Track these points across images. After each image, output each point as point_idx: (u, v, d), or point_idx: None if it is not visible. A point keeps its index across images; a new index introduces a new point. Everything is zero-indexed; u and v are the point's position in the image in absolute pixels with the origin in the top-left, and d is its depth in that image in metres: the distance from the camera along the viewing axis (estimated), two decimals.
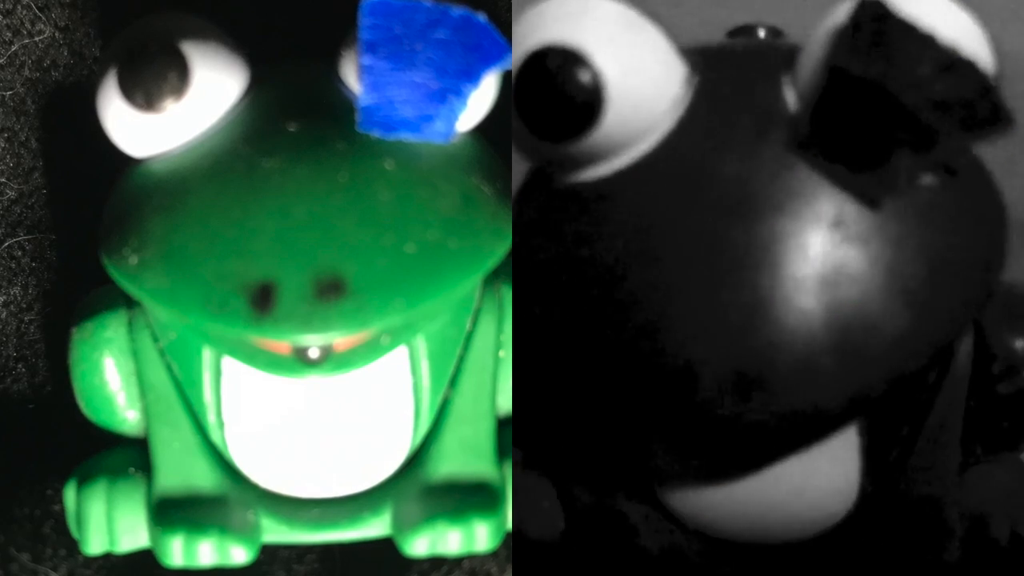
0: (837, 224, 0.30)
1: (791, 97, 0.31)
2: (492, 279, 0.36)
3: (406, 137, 0.35)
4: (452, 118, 0.35)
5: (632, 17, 0.31)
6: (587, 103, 0.31)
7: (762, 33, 0.36)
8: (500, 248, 0.35)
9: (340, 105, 0.35)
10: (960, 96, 0.29)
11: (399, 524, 0.36)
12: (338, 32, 0.36)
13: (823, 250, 0.30)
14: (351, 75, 0.36)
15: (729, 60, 0.33)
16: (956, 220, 0.31)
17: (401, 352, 0.36)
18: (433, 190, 0.34)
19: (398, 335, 0.35)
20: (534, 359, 0.33)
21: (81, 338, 0.37)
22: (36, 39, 0.43)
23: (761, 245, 0.30)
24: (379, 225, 0.34)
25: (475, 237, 0.34)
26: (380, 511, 0.37)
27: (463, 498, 0.36)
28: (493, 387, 0.37)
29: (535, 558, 0.35)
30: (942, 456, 0.34)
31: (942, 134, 0.29)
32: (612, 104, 0.31)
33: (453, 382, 0.37)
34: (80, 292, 0.39)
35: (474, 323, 0.37)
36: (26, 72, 0.43)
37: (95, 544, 0.37)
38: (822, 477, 0.33)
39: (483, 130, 0.36)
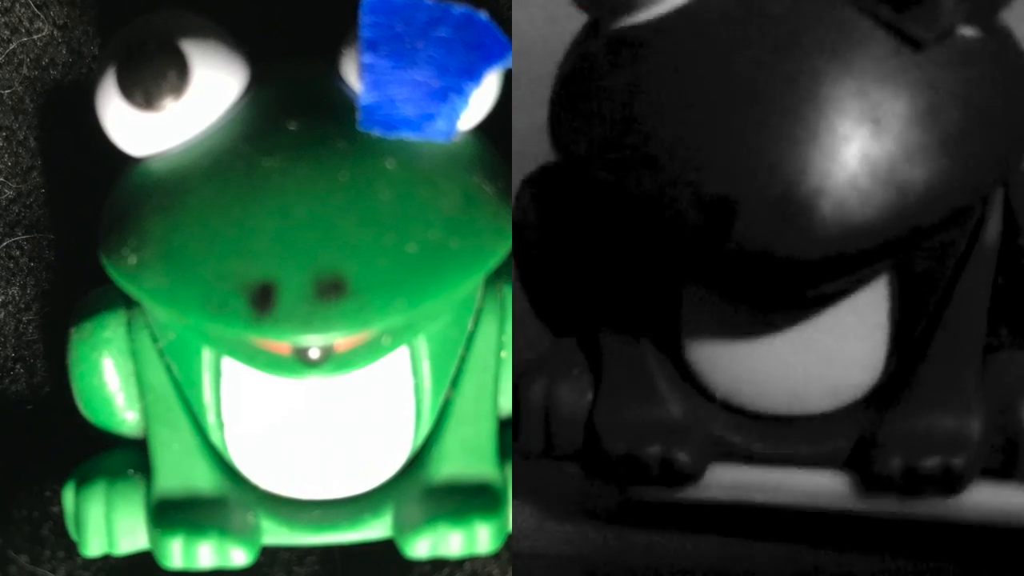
0: (880, 63, 0.31)
1: None
2: (494, 279, 0.36)
3: (407, 136, 0.34)
4: (453, 117, 0.34)
5: None
6: None
7: None
8: (502, 247, 0.35)
9: (341, 104, 0.35)
10: None
11: (400, 526, 0.36)
12: (338, 30, 0.36)
13: (866, 86, 0.31)
14: (352, 74, 0.35)
15: None
16: (992, 71, 0.32)
17: (402, 353, 0.36)
18: (434, 189, 0.34)
19: (399, 335, 0.35)
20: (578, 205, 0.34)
21: (80, 338, 0.37)
22: (34, 37, 0.42)
23: (807, 80, 0.31)
24: (380, 225, 0.33)
25: (477, 237, 0.34)
26: (381, 513, 0.36)
27: (464, 499, 0.36)
28: (495, 388, 0.37)
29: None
30: (967, 332, 0.35)
31: None
32: None
33: (455, 383, 0.37)
34: (79, 292, 0.38)
35: (476, 323, 0.37)
36: (24, 70, 0.42)
37: (94, 546, 0.37)
38: (850, 346, 0.34)
39: (484, 129, 0.36)
